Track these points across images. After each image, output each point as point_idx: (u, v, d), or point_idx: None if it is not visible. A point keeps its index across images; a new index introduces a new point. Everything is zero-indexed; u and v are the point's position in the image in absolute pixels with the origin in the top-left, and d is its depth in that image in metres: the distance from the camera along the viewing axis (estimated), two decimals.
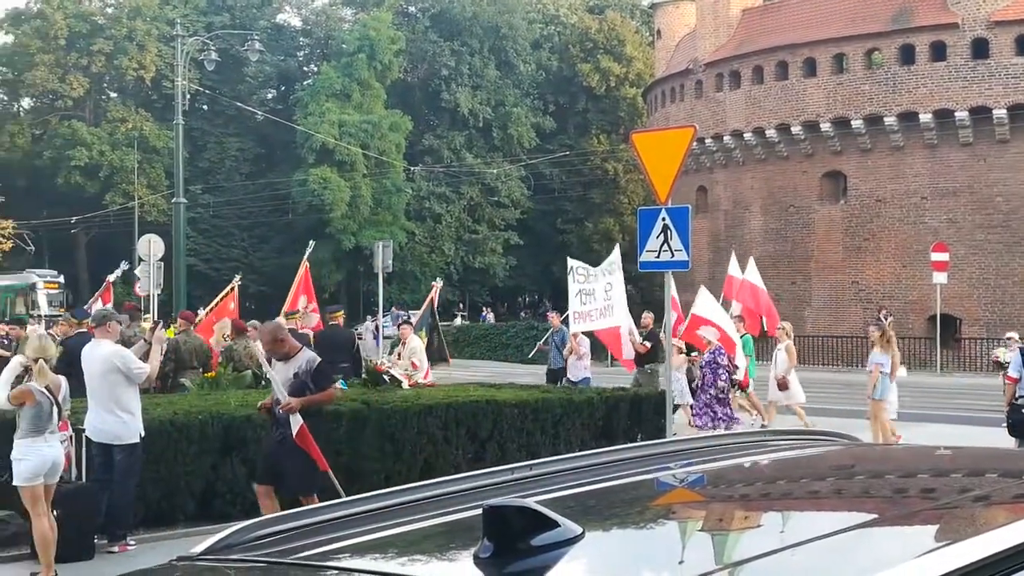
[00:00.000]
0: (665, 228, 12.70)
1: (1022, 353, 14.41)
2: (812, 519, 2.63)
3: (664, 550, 2.33)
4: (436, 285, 24.28)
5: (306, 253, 22.09)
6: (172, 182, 39.24)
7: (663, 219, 12.75)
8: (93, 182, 64.08)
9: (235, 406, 12.16)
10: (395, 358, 17.97)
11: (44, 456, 9.32)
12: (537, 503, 2.15)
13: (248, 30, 55.11)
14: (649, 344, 19.53)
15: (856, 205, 41.21)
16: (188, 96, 34.61)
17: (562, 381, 20.04)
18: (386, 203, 64.07)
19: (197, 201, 61.80)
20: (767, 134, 42.74)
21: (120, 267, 22.24)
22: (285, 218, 65.39)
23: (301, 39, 77.21)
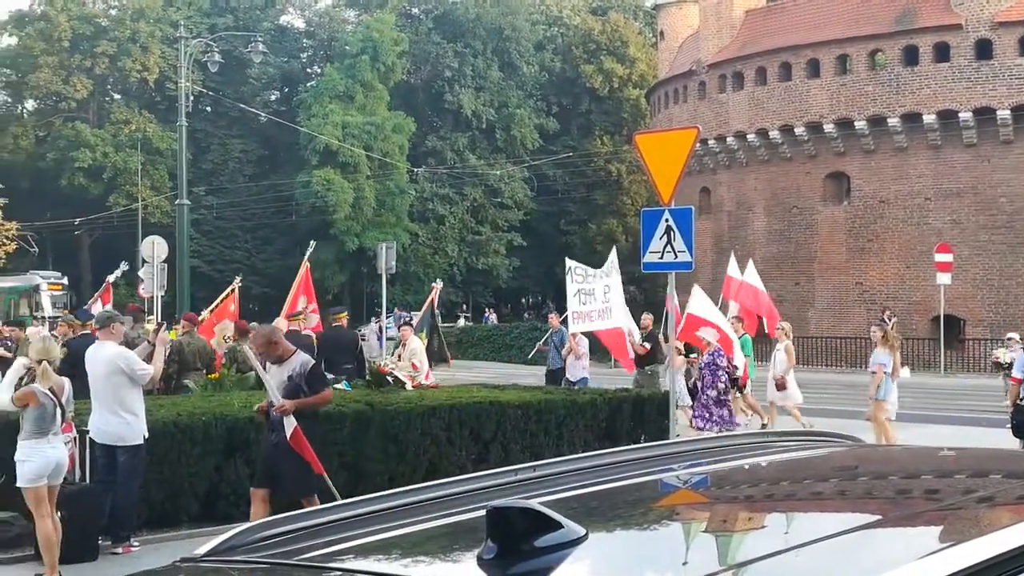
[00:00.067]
0: (668, 229, 12.71)
1: None
2: (816, 520, 2.63)
3: (668, 551, 2.33)
4: (436, 286, 24.28)
5: (307, 253, 22.09)
6: (175, 184, 39.30)
7: (666, 220, 12.75)
8: (97, 184, 64.14)
9: (239, 407, 12.16)
10: (395, 359, 17.98)
11: (48, 457, 9.33)
12: (541, 504, 2.15)
13: (251, 32, 55.17)
14: (648, 345, 19.52)
15: (860, 206, 41.18)
16: (191, 98, 34.68)
17: (562, 381, 20.07)
18: (389, 204, 64.10)
19: (200, 203, 61.84)
20: (770, 135, 42.71)
21: (120, 268, 22.22)
22: (288, 220, 65.42)
23: (304, 41, 77.25)
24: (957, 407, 24.76)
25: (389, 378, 14.43)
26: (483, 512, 2.10)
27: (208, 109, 67.26)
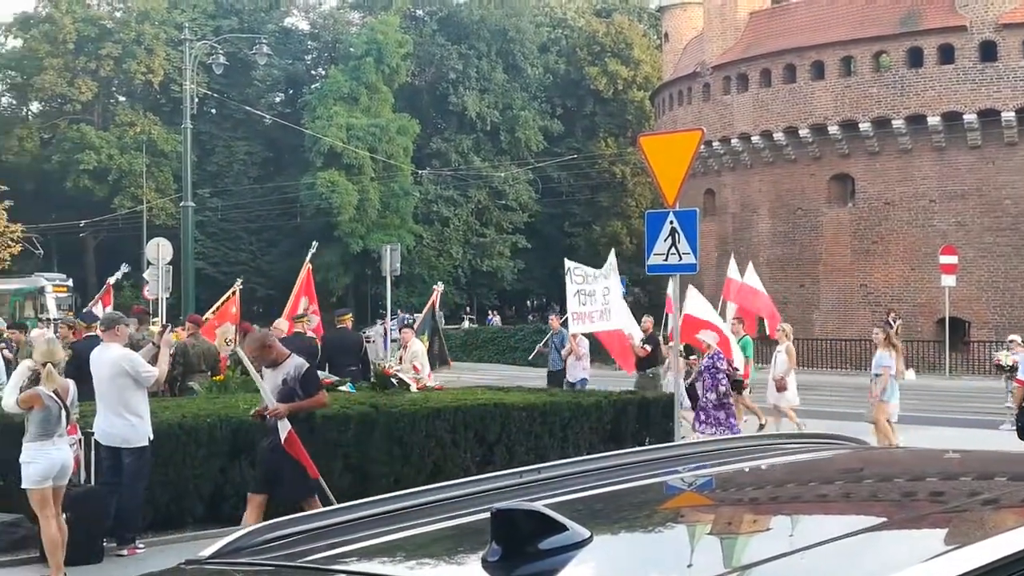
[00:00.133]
0: (673, 231, 12.70)
1: None
2: (821, 523, 2.63)
3: (673, 554, 2.33)
4: (437, 289, 24.27)
5: (308, 254, 22.09)
6: (180, 186, 39.38)
7: (671, 222, 12.75)
8: (102, 186, 64.23)
9: (243, 409, 12.16)
10: (397, 362, 17.97)
11: (53, 459, 9.35)
12: (545, 506, 2.15)
13: (256, 34, 55.17)
14: (649, 348, 19.49)
15: (864, 208, 41.13)
16: (196, 100, 34.76)
17: (564, 383, 20.09)
18: (394, 206, 64.13)
19: (205, 205, 61.91)
20: (775, 137, 42.68)
21: (120, 270, 22.25)
22: (293, 222, 65.46)
23: (309, 43, 77.31)
24: (962, 409, 24.73)
25: (394, 380, 14.43)
26: (488, 514, 2.11)
27: (213, 111, 67.36)
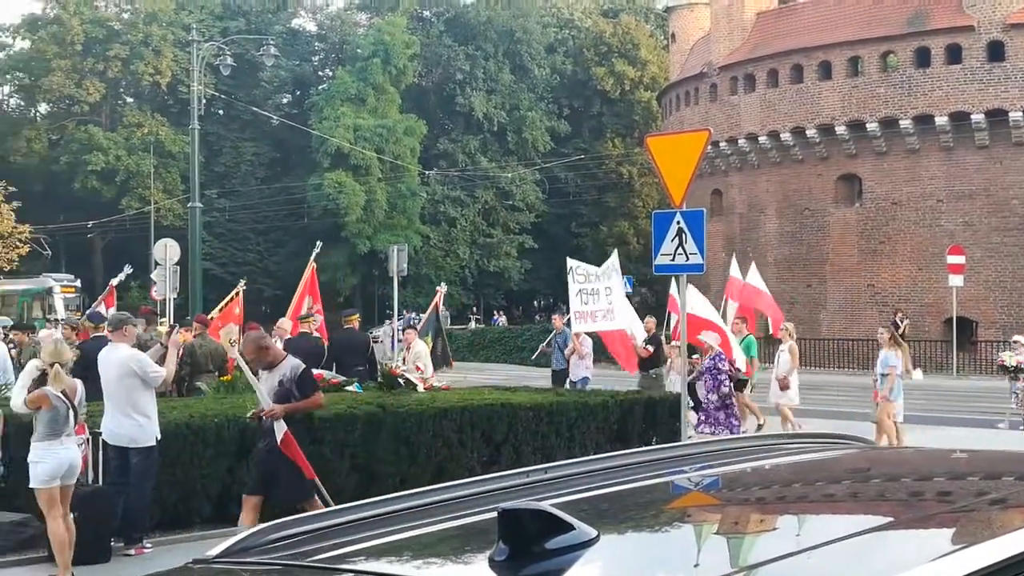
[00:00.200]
0: (680, 231, 12.69)
1: None
2: (828, 522, 2.63)
3: (679, 553, 2.33)
4: (440, 290, 24.22)
5: (313, 254, 22.06)
6: (188, 186, 39.41)
7: (678, 222, 12.73)
8: (109, 187, 64.36)
9: (251, 409, 12.17)
10: (400, 362, 17.95)
11: (60, 459, 9.37)
12: (552, 506, 2.15)
13: (263, 35, 55.25)
14: (652, 348, 19.45)
15: (871, 208, 41.07)
16: (204, 101, 34.76)
17: (567, 382, 20.11)
18: (401, 207, 64.18)
19: (213, 205, 62.02)
20: (782, 137, 42.64)
21: (124, 271, 22.29)
22: (300, 222, 65.54)
23: (316, 44, 77.39)
24: (969, 409, 24.68)
25: (400, 380, 14.44)
26: (494, 514, 2.11)
27: (220, 112, 67.47)
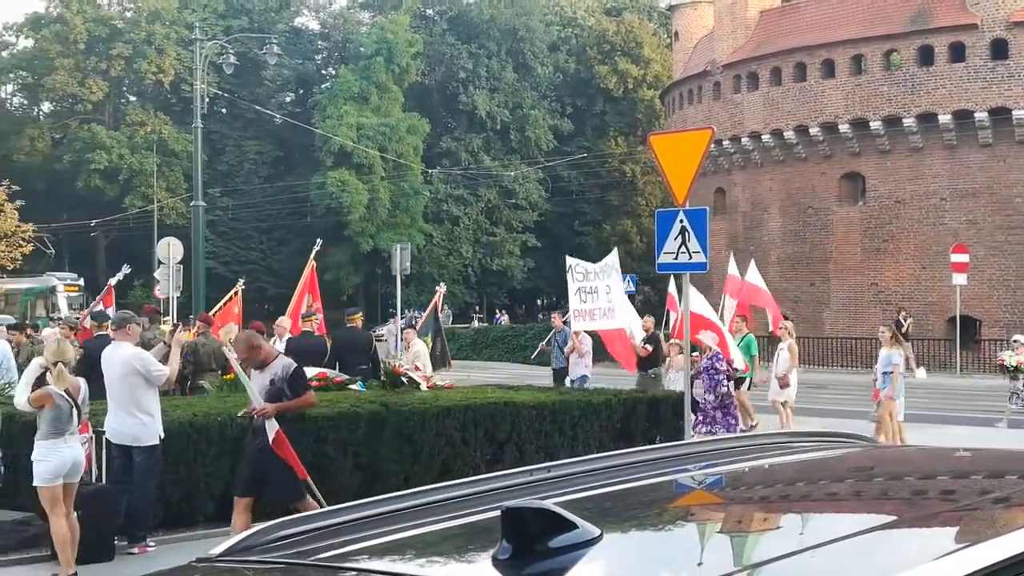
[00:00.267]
0: (683, 230, 12.68)
1: None
2: (831, 521, 2.63)
3: (683, 552, 2.33)
4: (440, 290, 24.21)
5: (312, 252, 22.06)
6: (191, 185, 39.43)
7: (681, 221, 12.73)
8: (112, 185, 64.41)
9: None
10: (400, 361, 17.94)
11: (64, 457, 9.38)
12: (555, 505, 2.15)
13: (266, 34, 55.28)
14: (650, 347, 19.43)
15: (875, 206, 41.04)
16: (207, 100, 34.80)
17: (567, 380, 20.13)
18: (404, 206, 64.18)
19: (216, 204, 62.04)
20: (785, 135, 42.61)
21: (121, 271, 22.30)
22: (303, 221, 65.57)
23: (319, 42, 77.40)
24: (972, 408, 24.66)
25: (404, 379, 14.44)
26: (498, 512, 2.11)
27: (223, 111, 67.51)
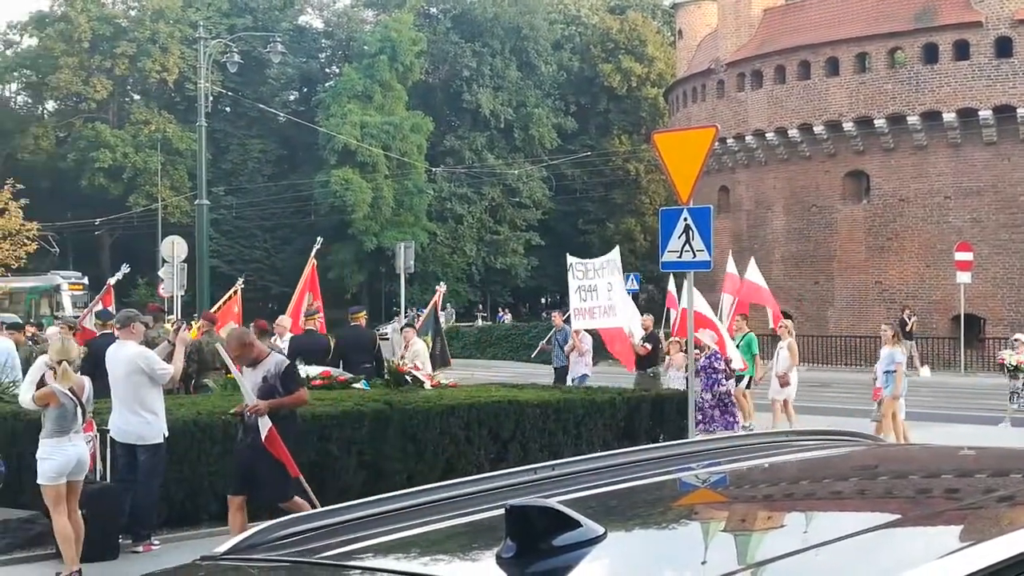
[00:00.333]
0: (687, 228, 12.67)
1: None
2: (836, 519, 2.63)
3: (687, 550, 2.33)
4: (440, 289, 24.20)
5: (313, 250, 22.07)
6: (195, 184, 39.44)
7: (685, 219, 12.72)
8: (117, 184, 64.47)
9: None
10: (400, 360, 17.91)
11: (68, 455, 9.39)
12: (560, 503, 2.15)
13: (270, 32, 55.32)
14: (650, 346, 19.40)
15: (879, 205, 41.00)
16: (211, 98, 34.77)
17: (567, 379, 20.15)
18: (408, 204, 64.20)
19: (220, 203, 62.07)
20: (789, 134, 42.57)
21: (121, 270, 22.31)
22: (307, 219, 65.61)
23: (323, 41, 77.45)
24: (977, 406, 24.63)
25: (407, 377, 14.44)
26: (502, 511, 2.11)
27: (227, 109, 67.51)
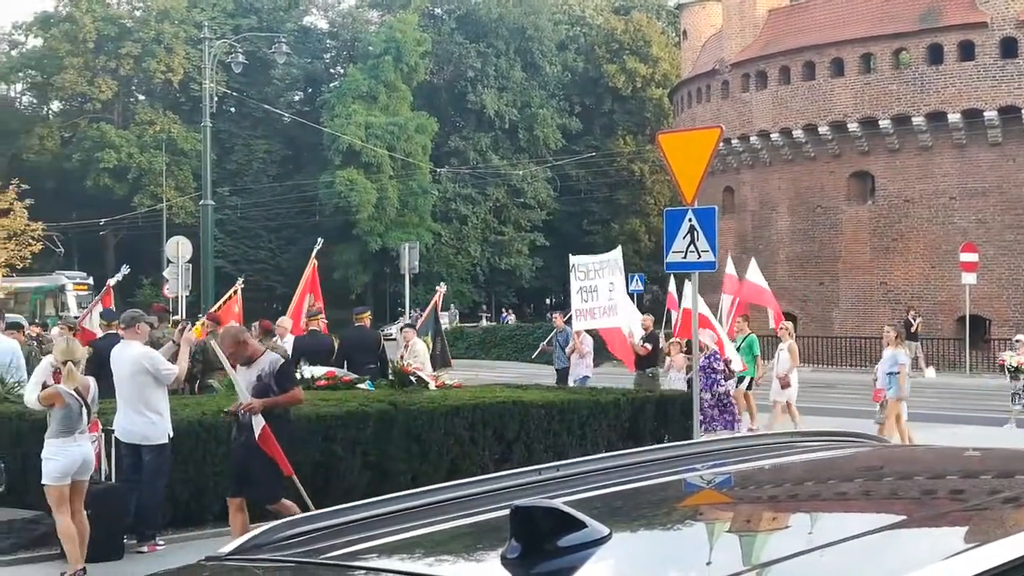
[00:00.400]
0: (692, 229, 12.66)
1: None
2: (841, 520, 2.62)
3: (692, 551, 2.33)
4: (440, 290, 24.20)
5: (314, 251, 22.08)
6: (200, 184, 39.45)
7: (689, 220, 12.71)
8: (122, 184, 64.52)
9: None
10: (398, 359, 17.90)
11: (73, 456, 9.40)
12: (564, 504, 2.15)
13: (275, 33, 55.32)
14: (650, 346, 19.39)
15: (884, 205, 40.97)
16: (216, 98, 34.76)
17: (569, 380, 20.16)
18: (412, 205, 64.24)
19: (225, 203, 62.14)
20: (794, 134, 42.55)
21: (120, 271, 22.34)
22: (312, 220, 65.65)
23: (328, 41, 77.49)
24: (982, 407, 24.60)
25: (412, 378, 14.44)
26: (507, 511, 2.11)
27: (232, 110, 67.58)
